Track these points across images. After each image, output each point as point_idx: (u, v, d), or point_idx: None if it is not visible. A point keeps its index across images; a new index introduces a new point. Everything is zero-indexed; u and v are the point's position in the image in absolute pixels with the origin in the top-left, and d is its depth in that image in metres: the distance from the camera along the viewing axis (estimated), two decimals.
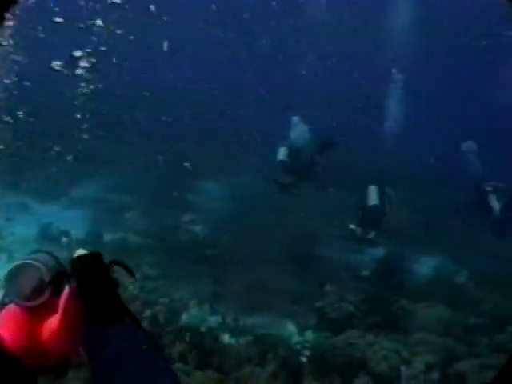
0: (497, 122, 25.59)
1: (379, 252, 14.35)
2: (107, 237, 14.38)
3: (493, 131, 22.82)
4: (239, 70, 31.03)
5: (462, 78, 28.99)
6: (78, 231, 14.12)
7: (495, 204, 12.69)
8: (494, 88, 24.87)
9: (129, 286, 10.69)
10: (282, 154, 13.54)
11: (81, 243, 13.61)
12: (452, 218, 16.64)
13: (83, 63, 13.59)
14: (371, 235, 13.29)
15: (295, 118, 14.11)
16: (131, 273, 2.20)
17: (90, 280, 2.04)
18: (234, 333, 10.05)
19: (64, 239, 13.55)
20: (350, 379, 9.17)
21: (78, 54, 14.06)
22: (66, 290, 2.06)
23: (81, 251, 2.15)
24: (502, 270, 14.33)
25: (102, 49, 15.76)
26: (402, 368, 9.34)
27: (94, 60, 13.87)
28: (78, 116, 14.74)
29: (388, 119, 20.01)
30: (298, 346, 9.75)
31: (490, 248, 15.37)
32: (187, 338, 9.33)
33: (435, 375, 9.25)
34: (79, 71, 13.80)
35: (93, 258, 2.13)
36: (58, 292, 2.06)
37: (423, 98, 26.11)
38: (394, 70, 21.90)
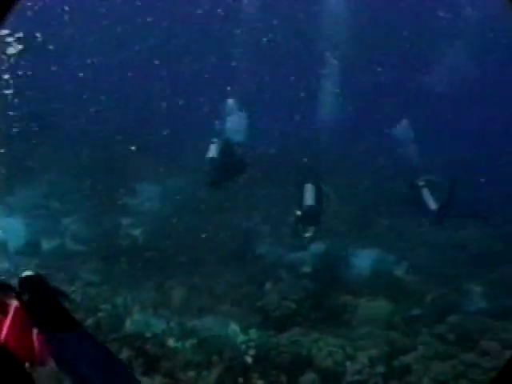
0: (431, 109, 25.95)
1: (319, 248, 14.42)
2: (46, 244, 14.05)
3: (428, 119, 23.09)
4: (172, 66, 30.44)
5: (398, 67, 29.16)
6: (15, 239, 13.74)
7: (429, 199, 12.87)
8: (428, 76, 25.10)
9: (71, 295, 10.41)
10: (212, 151, 13.12)
11: (19, 252, 13.32)
12: (388, 211, 16.89)
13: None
14: (310, 232, 13.28)
15: (230, 102, 13.72)
16: (64, 296, 2.55)
17: (38, 296, 2.31)
18: (179, 337, 9.95)
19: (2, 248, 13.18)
20: (297, 377, 9.20)
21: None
22: (13, 302, 2.32)
23: (27, 272, 2.41)
24: (439, 261, 14.60)
25: None
26: (348, 363, 9.42)
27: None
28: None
29: (321, 111, 20.00)
30: (243, 346, 9.72)
31: (427, 239, 15.68)
32: (132, 345, 9.21)
33: (380, 369, 9.35)
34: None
35: (38, 279, 2.39)
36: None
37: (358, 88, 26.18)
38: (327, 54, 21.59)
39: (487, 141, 24.68)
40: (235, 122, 13.26)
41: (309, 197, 12.55)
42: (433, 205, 12.87)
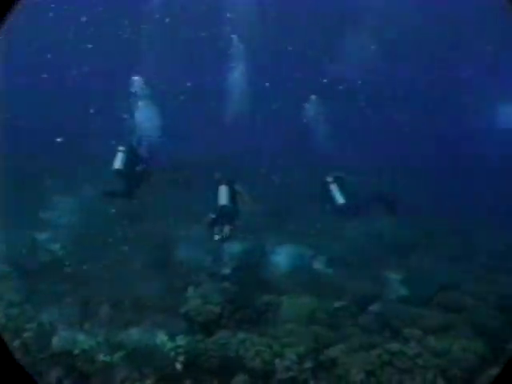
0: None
1: (237, 248, 14.36)
2: None
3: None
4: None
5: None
6: None
7: (337, 194, 13.03)
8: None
9: None
10: (117, 162, 12.55)
11: None
12: (302, 207, 17.03)
13: None
14: (226, 232, 13.14)
15: (136, 81, 13.11)
16: None
17: None
18: (108, 351, 9.62)
19: None
20: (228, 379, 9.10)
21: None
22: None
23: None
24: (356, 252, 14.83)
25: None
26: (276, 361, 9.35)
27: None
28: None
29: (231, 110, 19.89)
30: (172, 354, 9.50)
31: (342, 232, 15.90)
32: (62, 363, 8.88)
33: (308, 364, 9.33)
34: None
35: None
36: None
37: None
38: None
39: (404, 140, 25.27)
40: (146, 119, 12.84)
41: (222, 197, 12.42)
42: (340, 200, 13.04)
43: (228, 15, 24.49)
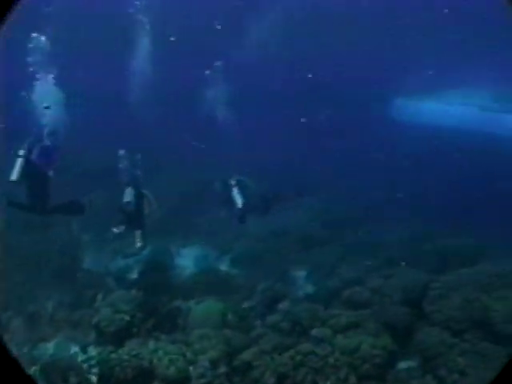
0: None
1: (143, 253, 14.12)
2: None
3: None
4: None
5: None
6: None
7: (237, 197, 13.12)
8: None
9: None
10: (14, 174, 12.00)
11: None
12: (206, 209, 17.02)
13: None
14: (121, 229, 12.86)
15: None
16: None
17: None
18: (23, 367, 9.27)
19: None
20: None
21: None
22: None
23: None
24: (262, 251, 14.95)
25: None
26: (190, 368, 9.33)
27: None
28: None
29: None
30: (85, 366, 9.30)
31: (246, 231, 15.94)
32: None
33: (223, 369, 9.34)
34: None
35: None
36: None
37: None
38: None
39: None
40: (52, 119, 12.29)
41: (127, 195, 12.24)
42: (239, 203, 13.13)
43: None
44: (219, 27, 26.87)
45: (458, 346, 9.50)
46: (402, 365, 9.66)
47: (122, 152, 12.38)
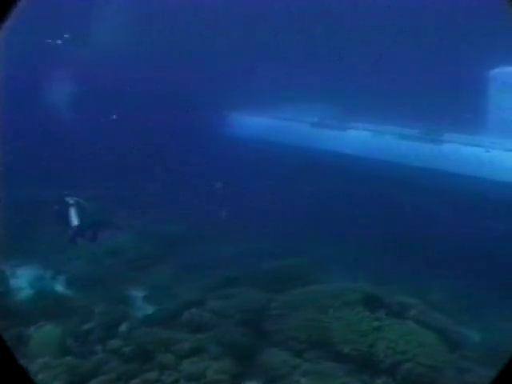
0: None
1: None
2: None
3: None
4: None
5: None
6: None
7: (73, 216, 13.05)
8: None
9: None
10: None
11: None
12: (42, 226, 16.54)
13: None
14: None
15: None
16: None
17: None
18: None
19: None
20: None
21: None
22: None
23: None
24: (96, 271, 14.78)
25: None
26: None
27: None
28: None
29: None
30: None
31: (81, 252, 15.63)
32: None
33: None
34: None
35: None
36: None
37: None
38: None
39: None
40: None
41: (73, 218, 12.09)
42: (75, 222, 13.10)
43: None
44: None
45: (301, 367, 10.00)
46: None
47: None
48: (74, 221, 13.06)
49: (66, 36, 27.03)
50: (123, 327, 12.09)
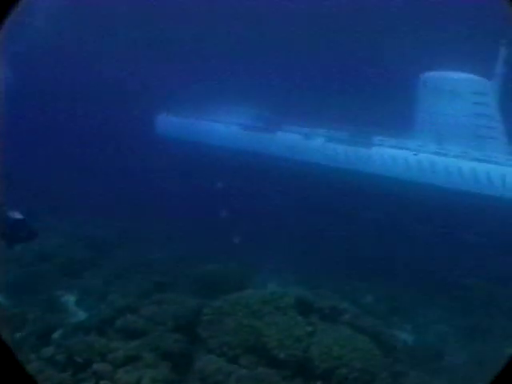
0: None
1: None
2: None
3: None
4: None
5: None
6: None
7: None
8: None
9: None
10: None
11: None
12: None
13: None
14: None
15: None
16: None
17: None
18: None
19: None
20: None
21: None
22: None
23: None
24: (30, 277, 14.64)
25: None
26: None
27: None
28: None
29: None
30: None
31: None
32: None
33: None
34: None
35: None
36: None
37: None
38: None
39: None
40: None
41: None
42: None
43: None
44: None
45: (236, 373, 10.14)
46: None
47: None
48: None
49: None
50: (56, 334, 12.05)
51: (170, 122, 26.33)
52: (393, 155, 18.99)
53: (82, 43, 27.89)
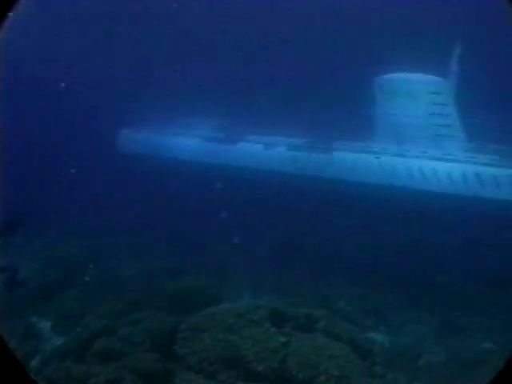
0: None
1: None
2: None
3: None
4: None
5: None
6: None
7: None
8: None
9: None
10: None
11: None
12: None
13: None
14: None
15: None
16: None
17: None
18: None
19: None
20: None
21: None
22: None
23: None
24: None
25: None
26: None
27: None
28: None
29: None
30: None
31: None
32: None
33: None
34: None
35: None
36: None
37: None
38: None
39: None
40: None
41: None
42: None
43: None
44: None
45: None
46: None
47: None
48: None
49: None
50: (35, 362, 12.07)
51: (131, 137, 26.31)
52: (354, 159, 19.24)
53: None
